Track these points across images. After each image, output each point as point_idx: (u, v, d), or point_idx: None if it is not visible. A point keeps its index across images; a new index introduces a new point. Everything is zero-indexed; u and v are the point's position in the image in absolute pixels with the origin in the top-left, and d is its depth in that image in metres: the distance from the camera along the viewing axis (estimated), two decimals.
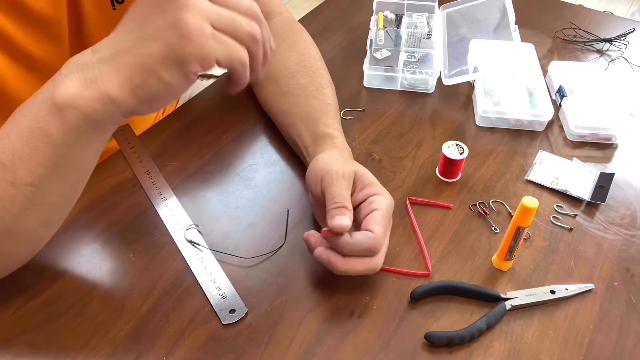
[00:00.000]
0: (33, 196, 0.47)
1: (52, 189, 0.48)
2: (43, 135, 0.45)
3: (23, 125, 0.45)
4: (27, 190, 0.46)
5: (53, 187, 0.48)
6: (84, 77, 0.43)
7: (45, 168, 0.46)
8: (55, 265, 0.58)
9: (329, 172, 0.56)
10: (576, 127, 0.76)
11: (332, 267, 0.53)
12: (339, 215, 0.53)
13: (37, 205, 0.48)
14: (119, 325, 0.53)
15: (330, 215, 0.53)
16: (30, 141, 0.45)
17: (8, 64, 0.61)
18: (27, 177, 0.46)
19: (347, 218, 0.53)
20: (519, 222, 0.56)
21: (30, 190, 0.46)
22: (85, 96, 0.43)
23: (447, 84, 0.82)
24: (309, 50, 0.75)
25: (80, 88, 0.43)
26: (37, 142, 0.45)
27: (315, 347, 0.53)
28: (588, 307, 0.58)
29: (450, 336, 0.53)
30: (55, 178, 0.47)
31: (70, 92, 0.43)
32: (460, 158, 0.68)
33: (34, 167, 0.46)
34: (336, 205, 0.54)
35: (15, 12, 0.58)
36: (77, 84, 0.43)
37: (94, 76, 0.43)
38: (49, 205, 0.49)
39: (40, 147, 0.45)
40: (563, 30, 0.99)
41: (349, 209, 0.54)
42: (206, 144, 0.73)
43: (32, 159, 0.45)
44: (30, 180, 0.46)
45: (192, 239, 0.61)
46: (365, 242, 0.53)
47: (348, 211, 0.54)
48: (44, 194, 0.47)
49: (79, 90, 0.43)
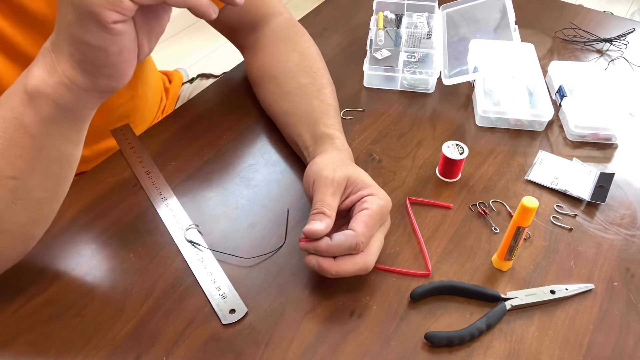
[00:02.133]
0: (16, 189, 0.47)
1: (35, 182, 0.48)
2: (18, 125, 0.45)
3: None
4: (10, 183, 0.46)
5: (36, 180, 0.48)
6: (45, 63, 0.43)
7: (25, 160, 0.46)
8: (55, 265, 0.58)
9: (319, 178, 0.57)
10: (576, 127, 0.76)
11: (323, 272, 0.54)
12: (312, 221, 0.54)
13: (22, 199, 0.48)
14: (119, 325, 0.53)
15: (308, 221, 0.54)
16: (6, 132, 0.45)
17: (5, 63, 0.61)
18: (8, 169, 0.46)
19: (319, 223, 0.53)
20: (519, 222, 0.56)
21: (13, 183, 0.46)
22: (49, 82, 0.43)
23: (447, 84, 0.82)
24: (309, 50, 0.75)
25: (45, 74, 0.43)
26: (13, 132, 0.45)
27: (315, 347, 0.53)
28: (588, 307, 0.58)
29: (450, 336, 0.53)
30: (37, 171, 0.47)
31: (37, 79, 0.43)
32: (460, 158, 0.68)
33: (14, 159, 0.45)
34: (314, 211, 0.55)
35: (12, 12, 0.58)
36: (42, 71, 0.43)
37: (51, 61, 0.43)
38: (35, 201, 0.49)
39: (17, 138, 0.45)
40: (563, 30, 0.99)
41: (328, 215, 0.54)
42: (206, 144, 0.73)
43: (10, 150, 0.45)
44: (12, 173, 0.46)
45: (192, 239, 0.61)
46: (344, 241, 0.53)
47: (325, 217, 0.54)
48: (27, 187, 0.47)
49: (44, 76, 0.43)
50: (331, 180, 0.56)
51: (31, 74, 0.44)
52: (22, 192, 0.47)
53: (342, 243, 0.53)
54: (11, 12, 0.58)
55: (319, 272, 0.54)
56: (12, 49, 0.60)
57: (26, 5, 0.58)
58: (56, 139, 0.46)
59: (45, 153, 0.47)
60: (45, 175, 0.48)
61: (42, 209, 0.51)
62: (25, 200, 0.48)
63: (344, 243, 0.53)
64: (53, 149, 0.47)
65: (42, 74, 0.44)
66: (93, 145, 0.78)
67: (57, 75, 0.43)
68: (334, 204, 0.55)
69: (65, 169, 0.50)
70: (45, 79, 0.43)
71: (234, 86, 0.83)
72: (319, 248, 0.53)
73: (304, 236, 0.54)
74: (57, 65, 0.43)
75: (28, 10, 0.59)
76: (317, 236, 0.53)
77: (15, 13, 0.59)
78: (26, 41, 0.61)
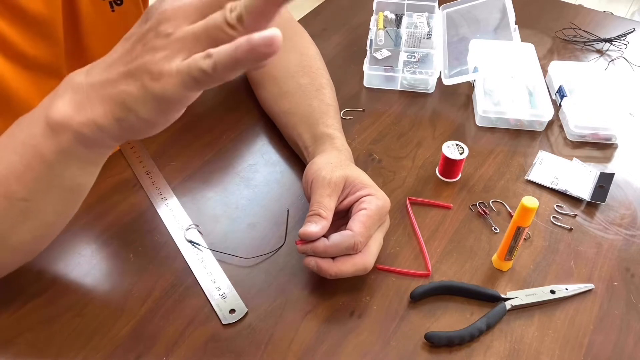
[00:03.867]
0: (27, 211, 0.47)
1: (47, 206, 0.47)
2: (36, 153, 0.44)
3: (19, 141, 0.45)
4: (22, 204, 0.46)
5: (48, 204, 0.47)
6: (74, 99, 0.42)
7: (39, 185, 0.45)
8: (55, 265, 0.58)
9: (317, 178, 0.57)
10: (576, 127, 0.76)
11: (322, 273, 0.54)
12: (308, 223, 0.54)
13: (32, 220, 0.48)
14: (119, 325, 0.53)
15: (304, 223, 0.54)
16: (24, 157, 0.44)
17: (4, 64, 0.61)
18: (21, 191, 0.45)
19: (314, 226, 0.53)
20: (519, 222, 0.56)
21: (24, 205, 0.46)
22: (74, 119, 0.42)
23: (447, 84, 0.82)
24: (309, 50, 0.75)
25: (71, 111, 0.42)
26: (31, 159, 0.44)
27: (315, 347, 0.53)
28: (588, 307, 0.58)
29: (450, 336, 0.53)
30: (50, 196, 0.47)
31: (62, 114, 0.42)
32: (460, 158, 0.68)
33: (28, 183, 0.45)
34: (310, 213, 0.55)
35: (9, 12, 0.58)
36: (68, 107, 0.42)
37: (82, 101, 0.42)
38: (45, 223, 0.49)
39: (34, 165, 0.44)
40: (563, 30, 0.99)
41: (323, 217, 0.54)
42: (206, 144, 0.73)
43: (26, 174, 0.45)
44: (24, 195, 0.45)
45: (192, 239, 0.61)
46: (342, 241, 0.53)
47: (321, 219, 0.54)
48: (38, 210, 0.47)
49: (70, 113, 0.42)
50: (328, 181, 0.56)
51: (55, 105, 0.42)
52: (33, 214, 0.47)
53: (339, 243, 0.53)
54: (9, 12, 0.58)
55: (319, 273, 0.54)
56: (11, 49, 0.60)
57: (24, 5, 0.58)
58: (74, 170, 0.46)
59: (60, 181, 0.46)
60: (58, 200, 0.48)
61: (49, 229, 0.51)
62: (35, 222, 0.48)
63: (342, 243, 0.53)
64: (70, 179, 0.46)
65: (69, 109, 0.42)
66: None
67: (85, 116, 0.41)
68: (330, 206, 0.55)
69: (78, 197, 0.50)
70: (71, 115, 0.42)
71: (234, 86, 0.83)
72: (317, 249, 0.53)
73: (299, 239, 0.54)
74: (88, 107, 0.41)
75: (26, 10, 0.59)
76: (312, 238, 0.53)
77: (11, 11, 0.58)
78: (25, 41, 0.61)
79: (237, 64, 0.36)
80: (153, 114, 0.40)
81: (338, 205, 0.56)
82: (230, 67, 0.36)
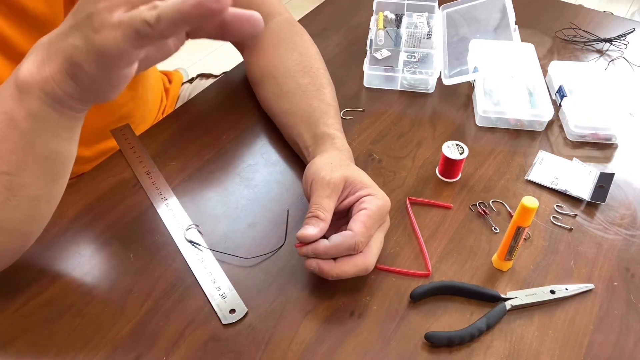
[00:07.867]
0: (10, 185, 0.46)
1: (29, 178, 0.47)
2: (9, 120, 0.44)
3: None
4: (4, 178, 0.46)
5: (29, 176, 0.47)
6: (37, 59, 0.42)
7: (17, 155, 0.45)
8: (55, 265, 0.58)
9: (316, 179, 0.57)
10: (576, 127, 0.76)
11: (323, 274, 0.54)
12: (306, 225, 0.54)
13: (16, 196, 0.47)
14: (119, 325, 0.53)
15: (302, 225, 0.54)
16: None
17: (4, 63, 0.61)
18: (1, 164, 0.45)
19: (312, 228, 0.53)
20: (519, 222, 0.56)
21: (6, 179, 0.46)
22: (36, 78, 0.42)
23: (447, 84, 0.82)
24: (309, 50, 0.75)
25: (34, 69, 0.42)
26: (4, 127, 0.44)
27: (315, 347, 0.53)
28: (588, 307, 0.58)
29: (450, 336, 0.53)
30: (29, 167, 0.46)
31: (25, 73, 0.42)
32: (460, 158, 0.68)
33: (6, 155, 0.45)
34: (309, 215, 0.55)
35: (11, 12, 0.58)
36: (32, 66, 0.42)
37: (43, 58, 0.42)
38: (30, 198, 0.49)
39: (8, 133, 0.44)
40: (563, 30, 0.99)
41: (322, 219, 0.54)
42: (206, 144, 0.73)
43: (2, 145, 0.45)
44: (5, 169, 0.45)
45: (192, 239, 0.61)
46: (342, 242, 0.53)
47: (319, 221, 0.54)
48: (21, 183, 0.47)
49: (32, 71, 0.42)
50: (328, 181, 0.56)
51: (22, 67, 0.43)
52: (16, 188, 0.47)
53: (340, 244, 0.53)
54: (10, 11, 0.58)
55: (320, 275, 0.54)
56: (11, 49, 0.60)
57: (25, 4, 0.58)
58: (46, 135, 0.46)
59: (36, 149, 0.46)
60: (38, 171, 0.48)
61: (37, 207, 0.51)
62: (20, 197, 0.48)
63: (342, 244, 0.53)
64: (43, 146, 0.46)
65: (32, 69, 0.42)
66: (93, 145, 0.78)
67: (45, 74, 0.42)
68: (329, 207, 0.55)
69: (58, 167, 0.49)
70: (33, 75, 0.42)
71: (234, 86, 0.83)
72: (318, 250, 0.53)
73: (298, 241, 0.54)
74: (47, 64, 0.42)
75: (27, 9, 0.59)
76: (310, 241, 0.53)
77: (13, 13, 0.58)
78: (25, 41, 0.61)
79: (182, 18, 0.35)
80: (95, 70, 0.40)
81: (338, 205, 0.56)
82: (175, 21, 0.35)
